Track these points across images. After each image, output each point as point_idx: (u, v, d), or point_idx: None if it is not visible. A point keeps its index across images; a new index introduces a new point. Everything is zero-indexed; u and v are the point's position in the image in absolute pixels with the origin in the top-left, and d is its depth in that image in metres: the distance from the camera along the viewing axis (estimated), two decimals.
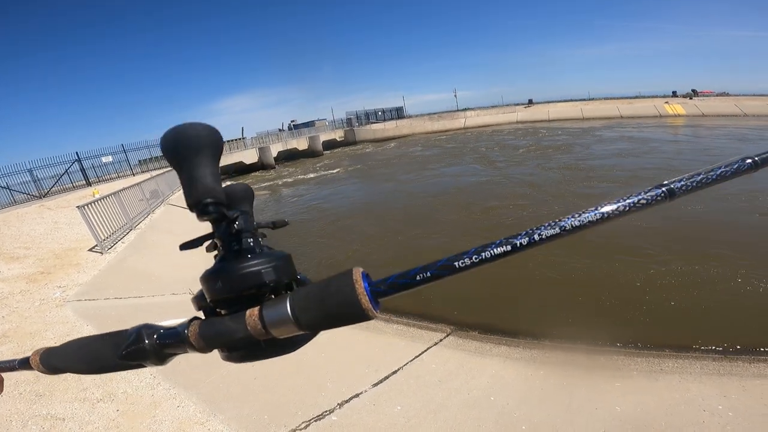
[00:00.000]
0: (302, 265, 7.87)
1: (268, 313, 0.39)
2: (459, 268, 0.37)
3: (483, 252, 0.37)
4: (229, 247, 0.44)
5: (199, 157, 0.39)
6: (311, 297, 0.39)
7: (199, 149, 0.39)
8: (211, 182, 0.39)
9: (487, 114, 46.11)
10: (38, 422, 2.86)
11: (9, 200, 15.97)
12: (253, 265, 0.41)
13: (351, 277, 0.37)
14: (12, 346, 4.01)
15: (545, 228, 0.37)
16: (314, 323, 0.38)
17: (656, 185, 0.39)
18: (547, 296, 5.23)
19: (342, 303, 0.37)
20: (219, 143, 0.41)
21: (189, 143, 0.39)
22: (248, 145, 33.06)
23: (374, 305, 0.37)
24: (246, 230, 0.45)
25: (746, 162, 0.42)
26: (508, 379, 3.37)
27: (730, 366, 3.40)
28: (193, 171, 0.39)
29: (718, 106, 31.54)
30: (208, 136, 0.40)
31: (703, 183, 0.40)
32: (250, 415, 2.92)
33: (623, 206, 0.37)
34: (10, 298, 5.38)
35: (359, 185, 17.26)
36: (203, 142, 0.39)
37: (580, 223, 0.36)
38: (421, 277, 0.37)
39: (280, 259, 0.43)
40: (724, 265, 5.44)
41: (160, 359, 0.43)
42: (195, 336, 0.41)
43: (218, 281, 0.41)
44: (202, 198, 0.38)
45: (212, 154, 0.40)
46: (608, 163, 14.26)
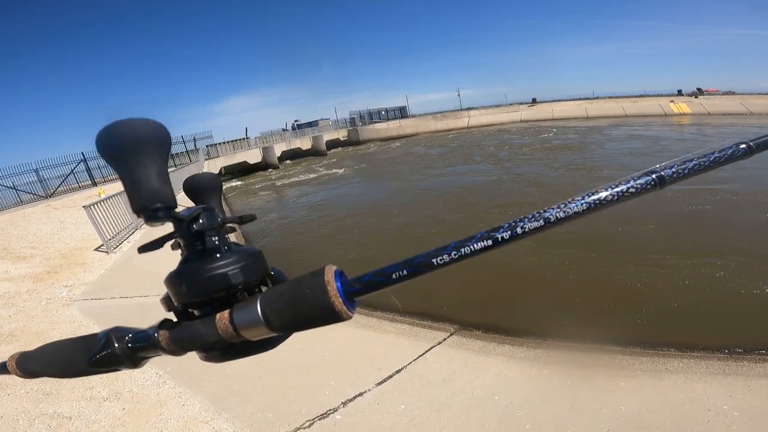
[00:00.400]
0: (304, 266, 7.90)
1: (238, 316, 0.38)
2: (437, 264, 0.35)
3: (463, 247, 0.35)
4: (192, 247, 0.41)
5: (140, 156, 0.35)
6: (283, 298, 0.37)
7: (141, 148, 0.35)
8: (157, 184, 0.36)
9: (490, 113, 45.99)
10: (45, 421, 2.89)
11: (15, 200, 16.11)
12: (218, 267, 0.39)
13: (323, 276, 0.36)
14: (19, 345, 4.05)
15: (529, 220, 0.35)
16: (286, 325, 0.37)
17: (645, 172, 0.37)
18: (551, 295, 5.22)
19: (314, 304, 0.35)
20: (164, 139, 0.37)
21: (128, 142, 0.35)
22: (252, 145, 33.14)
23: (348, 305, 0.36)
24: (210, 228, 0.41)
25: (740, 147, 0.41)
26: (512, 379, 3.36)
27: (736, 366, 3.38)
28: (135, 173, 0.35)
29: (723, 105, 31.32)
30: (151, 133, 0.36)
31: (696, 169, 0.38)
32: (255, 414, 2.94)
33: (611, 195, 0.35)
34: (16, 298, 5.43)
35: (364, 185, 17.25)
36: (145, 140, 0.36)
37: (565, 214, 0.35)
38: (397, 275, 0.36)
39: (249, 258, 0.41)
40: (731, 264, 5.40)
41: (134, 363, 0.41)
42: (166, 340, 0.40)
43: (183, 285, 0.39)
44: (148, 204, 0.35)
45: (157, 152, 0.36)
46: (624, 162, 14.08)
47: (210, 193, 0.49)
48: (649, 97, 39.71)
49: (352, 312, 0.36)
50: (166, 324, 0.40)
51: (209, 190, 0.49)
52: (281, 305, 0.37)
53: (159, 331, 0.40)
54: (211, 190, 0.50)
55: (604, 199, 0.35)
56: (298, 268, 7.88)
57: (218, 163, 27.59)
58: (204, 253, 0.40)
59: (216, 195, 0.50)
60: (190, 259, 0.41)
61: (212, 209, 0.44)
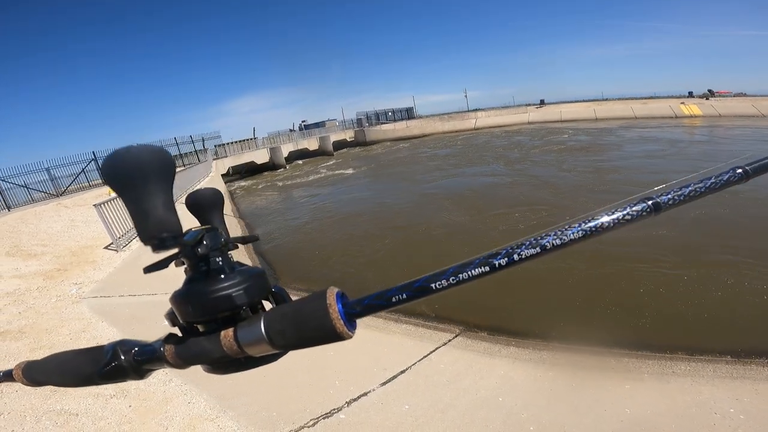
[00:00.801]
0: (310, 266, 7.93)
1: (242, 334, 0.39)
2: (436, 289, 0.36)
3: (461, 273, 0.36)
4: (196, 268, 0.42)
5: (146, 186, 0.36)
6: (286, 319, 0.38)
7: (146, 177, 0.36)
8: (164, 214, 0.36)
9: (498, 114, 45.79)
10: (52, 417, 2.91)
11: (27, 198, 16.33)
12: (223, 288, 0.40)
13: (325, 299, 0.37)
14: (28, 342, 4.11)
15: (526, 247, 0.35)
16: (288, 344, 0.38)
17: (641, 198, 0.38)
18: (557, 298, 5.20)
19: (316, 325, 0.37)
20: (169, 167, 0.37)
21: (134, 172, 0.35)
22: (260, 145, 33.34)
23: (349, 326, 0.37)
24: (214, 249, 0.42)
25: (737, 172, 0.41)
26: (516, 380, 3.36)
27: (744, 369, 3.35)
28: (142, 203, 0.36)
29: (735, 107, 30.91)
30: (156, 161, 0.36)
31: (692, 196, 0.39)
32: (259, 412, 2.96)
33: (608, 222, 0.36)
34: (27, 295, 5.51)
35: (373, 186, 17.25)
36: (150, 168, 0.36)
37: (561, 241, 0.35)
38: (397, 298, 0.37)
39: (252, 278, 0.42)
40: (739, 268, 5.34)
41: (140, 375, 0.43)
42: (172, 354, 0.41)
43: (188, 305, 0.40)
44: (156, 234, 0.36)
45: (162, 180, 0.37)
46: (644, 165, 13.75)
47: (212, 209, 0.50)
48: (659, 98, 39.28)
49: (352, 332, 0.37)
50: (171, 339, 0.42)
51: (211, 206, 0.50)
52: (284, 325, 0.38)
53: (165, 346, 0.41)
54: (213, 206, 0.50)
55: (601, 225, 0.36)
56: (305, 268, 7.92)
57: (226, 162, 27.78)
58: (208, 274, 0.41)
59: (217, 210, 0.51)
60: (194, 280, 0.41)
61: (216, 230, 0.45)
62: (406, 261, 7.45)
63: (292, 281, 7.24)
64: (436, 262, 0.31)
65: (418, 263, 7.05)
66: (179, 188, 12.94)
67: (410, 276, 0.37)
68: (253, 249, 9.52)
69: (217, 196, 0.51)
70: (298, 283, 7.04)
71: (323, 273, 7.47)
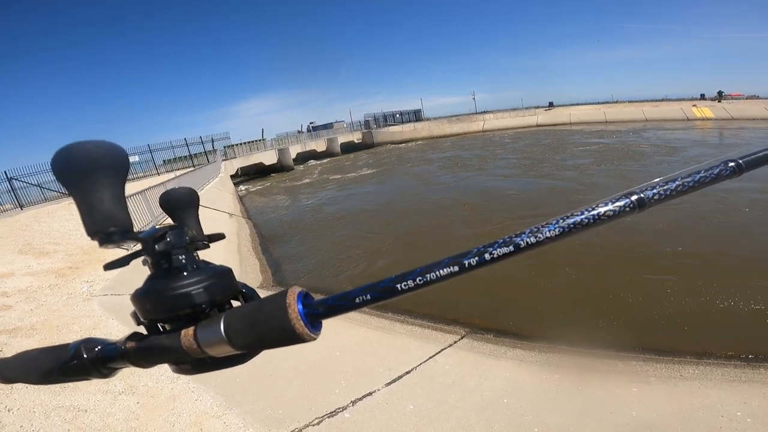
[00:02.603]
0: (314, 265, 7.97)
1: (202, 333, 0.38)
2: (401, 290, 0.35)
3: (429, 273, 0.35)
4: (157, 265, 0.41)
5: (93, 179, 0.35)
6: (245, 319, 0.38)
7: (93, 171, 0.35)
8: (112, 208, 0.36)
9: (506, 117, 45.55)
10: (61, 413, 2.95)
11: (40, 197, 16.61)
12: (183, 286, 0.39)
13: (285, 299, 0.36)
14: (40, 338, 4.18)
15: (498, 246, 0.34)
16: (249, 344, 0.38)
17: (624, 193, 0.35)
18: (564, 301, 5.17)
19: (275, 326, 0.36)
20: (120, 162, 0.37)
21: (81, 165, 0.35)
22: (268, 147, 33.55)
23: (311, 328, 0.36)
24: (177, 246, 0.42)
25: (729, 166, 0.39)
26: (522, 382, 3.35)
27: (753, 373, 3.31)
28: (87, 196, 0.35)
29: (747, 110, 30.46)
30: (105, 155, 0.36)
31: (679, 191, 0.37)
32: (265, 410, 2.98)
33: (586, 219, 0.34)
34: (39, 292, 5.60)
35: (383, 188, 17.28)
36: (99, 163, 0.35)
37: (536, 239, 0.34)
38: (360, 299, 0.36)
39: (215, 277, 0.41)
40: (747, 272, 5.28)
41: (103, 374, 0.42)
42: (133, 353, 0.40)
43: (147, 303, 0.40)
44: (101, 227, 0.35)
45: (112, 175, 0.36)
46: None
47: (185, 209, 0.50)
48: (671, 101, 38.81)
49: (314, 334, 0.36)
50: (134, 337, 0.41)
51: (185, 205, 0.50)
52: (244, 325, 0.37)
53: (127, 344, 0.41)
54: (187, 205, 0.50)
55: (578, 223, 0.34)
56: (312, 269, 7.95)
57: (235, 163, 27.99)
58: (170, 272, 0.41)
59: (191, 210, 0.50)
60: (155, 278, 0.41)
61: (181, 228, 0.44)
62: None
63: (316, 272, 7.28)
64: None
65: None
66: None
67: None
68: (260, 248, 9.59)
69: (191, 195, 0.51)
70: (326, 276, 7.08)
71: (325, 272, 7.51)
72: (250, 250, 9.45)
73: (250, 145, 32.99)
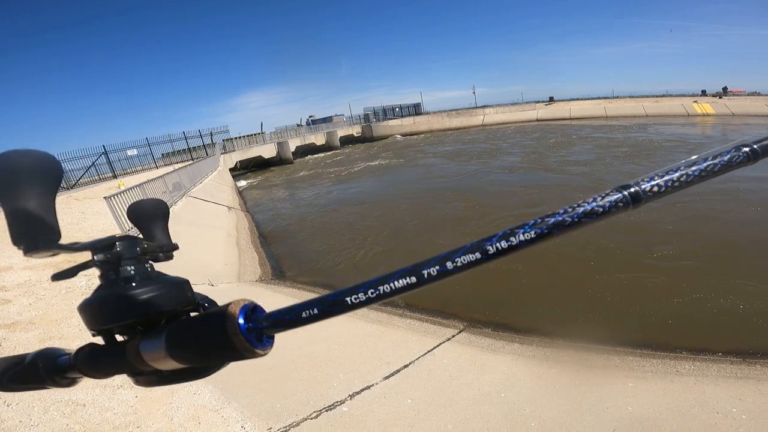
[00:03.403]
0: (313, 256, 7.97)
1: (144, 346, 0.37)
2: (351, 304, 0.33)
3: (382, 285, 0.32)
4: (105, 276, 0.40)
5: (19, 189, 0.34)
6: (188, 332, 0.36)
7: (19, 181, 0.34)
8: (39, 216, 0.35)
9: (506, 111, 45.44)
10: (60, 408, 2.95)
11: None
12: (126, 296, 0.37)
13: (225, 313, 0.35)
14: (38, 333, 4.18)
15: (463, 253, 0.30)
16: (189, 359, 0.36)
17: (616, 187, 0.31)
18: (562, 295, 5.18)
19: (217, 341, 0.34)
20: (50, 171, 0.36)
21: (8, 175, 0.34)
22: (267, 140, 33.44)
23: (255, 343, 0.34)
24: (127, 257, 0.40)
25: (742, 151, 0.33)
26: (519, 376, 3.36)
27: (748, 369, 3.33)
28: (13, 205, 0.34)
29: (749, 106, 30.40)
30: (35, 166, 0.35)
31: (682, 182, 0.31)
32: (263, 403, 2.99)
33: (569, 218, 0.29)
34: (37, 286, 5.59)
35: (382, 181, 17.25)
36: (27, 173, 0.34)
37: (509, 244, 0.29)
38: (307, 314, 0.34)
39: (166, 287, 0.40)
40: (745, 268, 5.29)
41: (60, 383, 0.42)
42: (83, 364, 0.40)
43: (90, 313, 0.38)
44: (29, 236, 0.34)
45: (40, 185, 0.35)
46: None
47: (153, 220, 0.48)
48: (672, 97, 38.69)
49: (260, 349, 0.35)
50: (85, 348, 0.41)
51: (152, 216, 0.48)
52: (185, 339, 0.36)
53: (77, 355, 0.40)
54: (154, 217, 0.48)
55: (561, 223, 0.29)
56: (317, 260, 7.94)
57: (234, 157, 27.93)
58: (116, 282, 0.39)
59: (158, 221, 0.49)
60: (101, 288, 0.40)
61: (133, 238, 0.42)
62: None
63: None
64: None
65: None
66: (188, 181, 13.04)
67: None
68: (259, 243, 9.59)
69: (159, 206, 0.50)
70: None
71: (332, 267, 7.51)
72: (249, 243, 9.45)
73: (249, 138, 32.88)
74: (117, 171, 20.88)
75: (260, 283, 6.85)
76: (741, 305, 4.48)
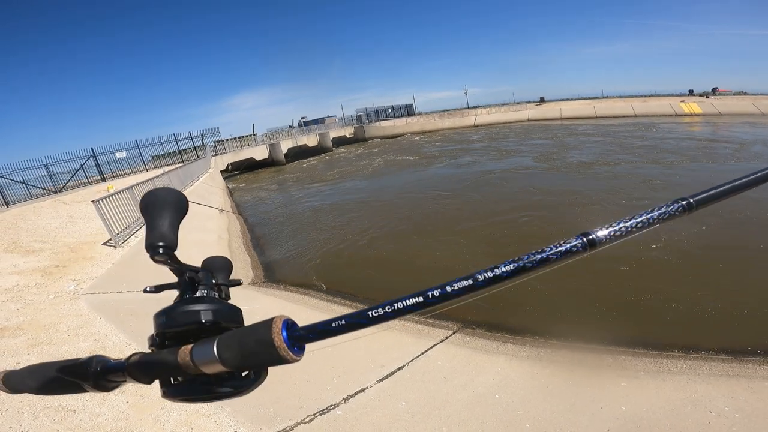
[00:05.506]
0: (304, 260, 7.93)
1: (197, 348, 0.43)
2: (373, 317, 0.39)
3: (397, 303, 0.39)
4: (183, 293, 0.50)
5: (161, 211, 0.49)
6: (236, 341, 0.42)
7: (163, 206, 0.49)
8: (168, 231, 0.48)
9: (498, 111, 45.70)
10: (50, 414, 2.91)
11: (25, 195, 16.30)
12: (194, 306, 0.46)
13: (271, 326, 0.40)
14: (26, 338, 4.11)
15: (459, 280, 0.38)
16: (237, 363, 0.42)
17: (579, 235, 0.39)
18: (555, 295, 5.20)
19: (263, 349, 0.40)
20: (181, 204, 0.51)
21: (158, 202, 0.50)
22: (259, 142, 33.26)
23: (295, 351, 0.40)
24: (203, 283, 0.51)
25: (681, 204, 0.41)
26: (513, 377, 3.36)
27: (740, 368, 3.36)
28: (154, 220, 0.48)
29: (735, 105, 30.88)
30: (172, 198, 0.51)
31: (630, 231, 0.39)
32: (256, 408, 2.96)
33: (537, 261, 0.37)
34: (25, 291, 5.51)
35: (374, 181, 17.23)
36: (168, 202, 0.50)
37: (493, 274, 0.37)
38: (336, 324, 0.40)
39: (225, 307, 0.48)
40: (735, 267, 5.36)
41: (104, 388, 0.47)
42: (134, 366, 0.45)
43: (163, 316, 0.46)
44: (154, 242, 0.47)
45: (174, 211, 0.50)
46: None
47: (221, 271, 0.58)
48: (660, 96, 39.18)
49: (297, 356, 0.40)
50: (137, 354, 0.47)
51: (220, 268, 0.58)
52: (234, 346, 0.42)
53: (131, 358, 0.46)
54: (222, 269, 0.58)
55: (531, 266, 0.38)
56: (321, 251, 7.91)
57: (225, 159, 27.75)
58: (189, 299, 0.49)
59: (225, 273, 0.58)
60: (179, 301, 0.49)
61: (209, 272, 0.54)
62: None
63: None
64: None
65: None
66: (178, 183, 12.93)
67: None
68: (250, 243, 9.53)
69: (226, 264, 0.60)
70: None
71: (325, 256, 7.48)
72: (241, 246, 9.39)
73: (240, 140, 32.67)
74: (106, 174, 20.59)
75: (253, 285, 6.80)
76: (731, 302, 4.53)
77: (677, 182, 10.60)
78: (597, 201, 9.48)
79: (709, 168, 12.16)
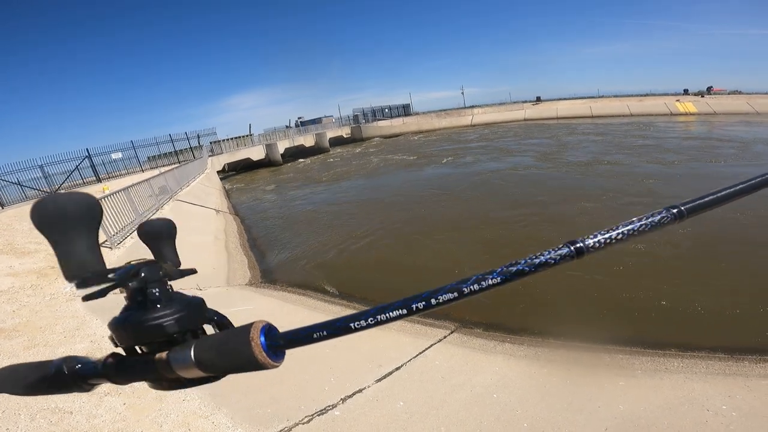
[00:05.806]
0: (303, 260, 7.92)
1: (174, 357, 0.42)
2: (355, 328, 0.40)
3: (380, 314, 0.39)
4: (132, 298, 0.45)
5: (67, 231, 0.40)
6: (213, 347, 0.41)
7: (67, 224, 0.40)
8: (85, 256, 0.41)
9: (494, 111, 45.85)
10: (46, 416, 2.89)
11: (20, 196, 16.24)
12: (156, 318, 0.42)
13: (249, 331, 0.40)
14: (22, 341, 4.08)
15: (444, 292, 0.38)
16: (216, 370, 0.41)
17: (566, 242, 0.39)
18: (553, 295, 5.21)
19: (240, 355, 0.40)
20: (92, 213, 0.42)
21: (55, 218, 0.40)
22: (256, 142, 33.19)
23: (273, 357, 0.40)
24: (151, 281, 0.45)
25: (671, 212, 0.41)
26: (511, 377, 3.37)
27: (737, 366, 3.38)
28: (64, 246, 0.40)
29: (730, 104, 31.07)
30: (78, 208, 0.41)
31: (619, 239, 0.39)
32: (254, 409, 2.96)
33: (527, 267, 0.38)
34: (20, 293, 5.47)
35: (372, 182, 17.21)
36: (72, 216, 0.41)
37: (479, 287, 0.38)
38: (317, 335, 0.40)
39: (187, 308, 0.45)
40: (733, 266, 5.38)
41: (83, 389, 0.45)
42: (111, 371, 0.44)
43: (124, 332, 0.43)
44: (77, 273, 0.40)
45: (85, 226, 0.41)
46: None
47: (163, 240, 0.53)
48: (655, 96, 39.38)
49: (276, 362, 0.40)
50: (113, 357, 0.45)
51: (162, 236, 0.53)
52: (212, 353, 0.41)
53: (106, 363, 0.44)
54: (165, 237, 0.53)
55: (521, 271, 0.38)
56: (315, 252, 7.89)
57: (221, 159, 27.66)
58: (144, 305, 0.44)
59: (169, 240, 0.54)
60: (130, 308, 0.44)
61: (155, 263, 0.47)
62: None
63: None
64: None
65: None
66: (176, 184, 12.88)
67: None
68: (247, 242, 9.51)
69: (169, 226, 0.54)
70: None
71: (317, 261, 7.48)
72: (238, 246, 9.36)
73: (237, 140, 32.59)
74: (101, 175, 20.53)
75: (250, 286, 6.79)
76: (727, 301, 4.55)
77: (677, 182, 10.65)
78: (597, 200, 9.51)
79: (709, 168, 12.24)
